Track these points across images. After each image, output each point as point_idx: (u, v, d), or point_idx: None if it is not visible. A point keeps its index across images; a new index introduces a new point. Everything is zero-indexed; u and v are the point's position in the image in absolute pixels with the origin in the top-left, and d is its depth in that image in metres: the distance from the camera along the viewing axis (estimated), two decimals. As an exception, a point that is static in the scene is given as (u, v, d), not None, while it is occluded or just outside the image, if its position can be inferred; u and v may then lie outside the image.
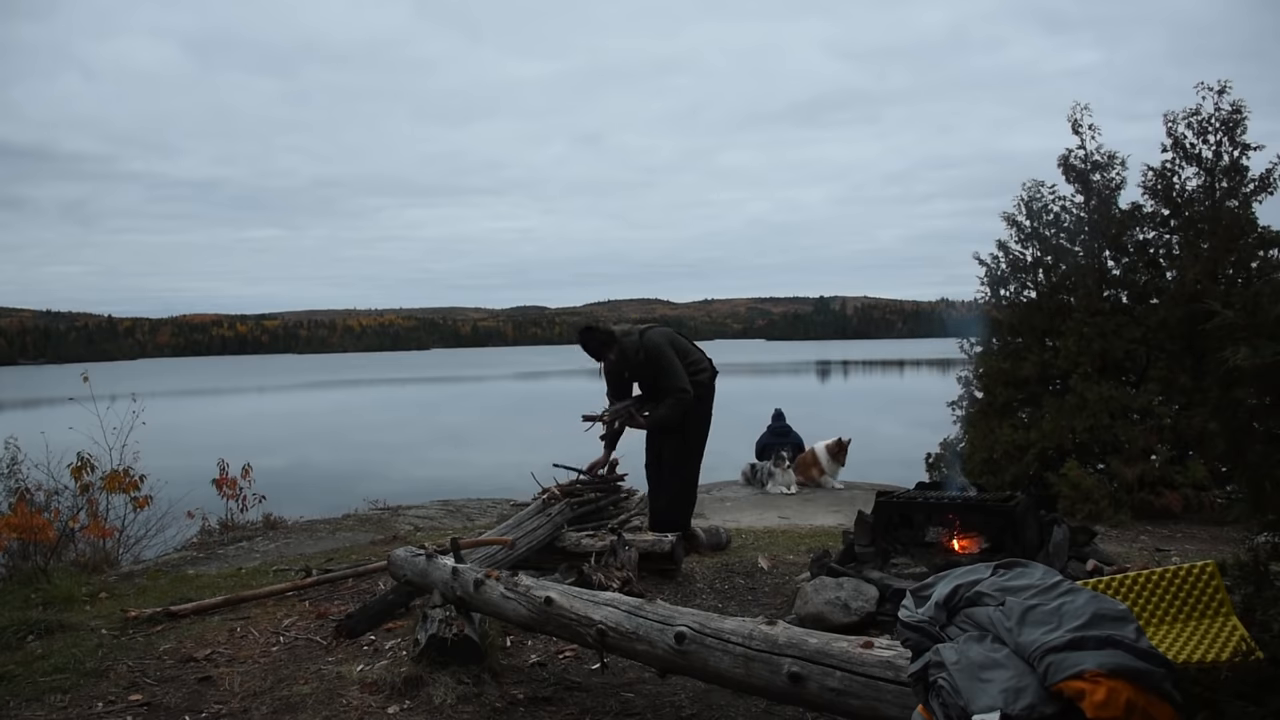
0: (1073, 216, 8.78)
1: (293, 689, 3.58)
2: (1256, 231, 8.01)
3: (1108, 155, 8.66)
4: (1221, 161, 8.22)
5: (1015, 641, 1.81)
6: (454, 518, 8.74)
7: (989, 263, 9.19)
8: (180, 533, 8.13)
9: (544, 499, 5.75)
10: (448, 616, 3.69)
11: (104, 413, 7.81)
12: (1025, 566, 2.04)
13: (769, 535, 6.91)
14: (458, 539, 4.70)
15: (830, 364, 75.20)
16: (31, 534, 6.36)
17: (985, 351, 9.20)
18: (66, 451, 7.45)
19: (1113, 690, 1.64)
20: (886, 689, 2.22)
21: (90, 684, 3.75)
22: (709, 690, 3.36)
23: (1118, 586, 2.60)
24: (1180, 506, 7.34)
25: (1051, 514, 4.23)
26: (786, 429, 11.34)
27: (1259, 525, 2.42)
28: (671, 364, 5.55)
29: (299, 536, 7.70)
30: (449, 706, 3.33)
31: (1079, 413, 7.82)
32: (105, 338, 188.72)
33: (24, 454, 7.70)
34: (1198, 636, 2.41)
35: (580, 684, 3.61)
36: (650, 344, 5.56)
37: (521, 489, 8.93)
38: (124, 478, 7.36)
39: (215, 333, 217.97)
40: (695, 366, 5.76)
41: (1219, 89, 8.08)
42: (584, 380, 58.94)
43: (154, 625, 4.59)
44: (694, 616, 2.84)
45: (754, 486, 10.24)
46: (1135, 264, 8.67)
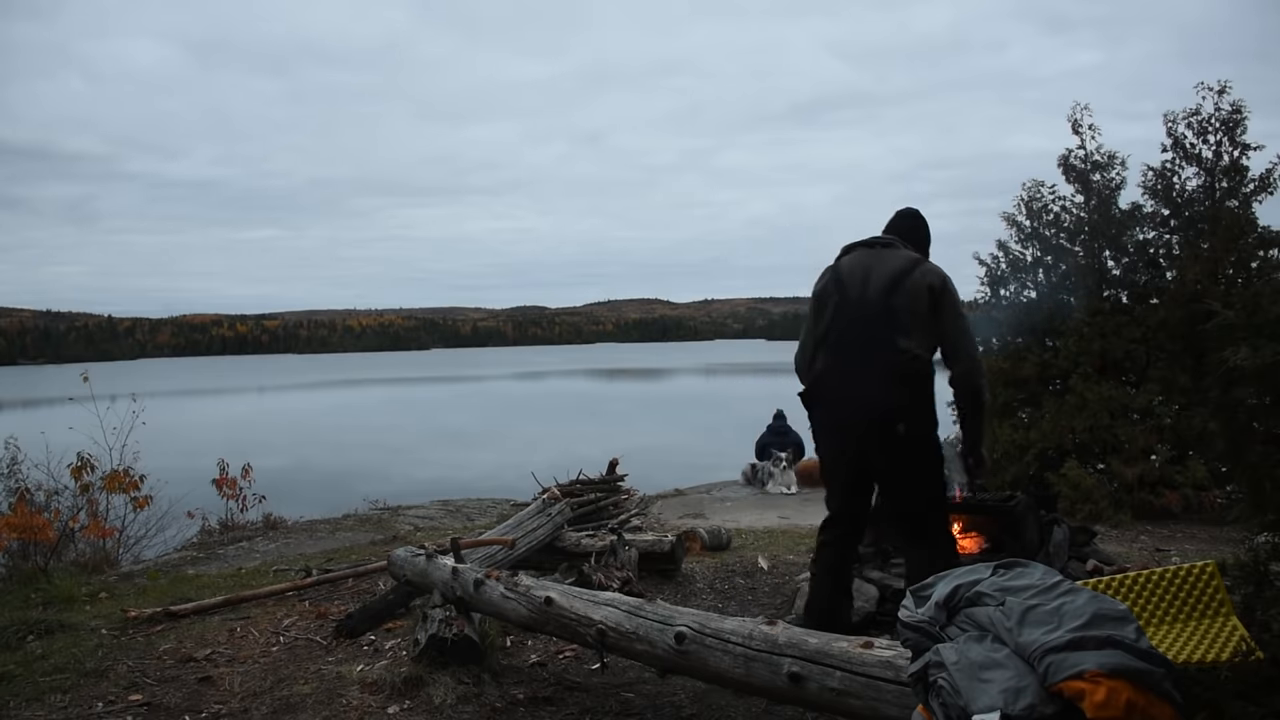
0: (1073, 216, 8.79)
1: (293, 689, 3.58)
2: (1256, 231, 8.00)
3: (1108, 155, 8.67)
4: (1221, 161, 8.22)
5: (1015, 641, 1.81)
6: (454, 518, 8.74)
7: (989, 263, 9.20)
8: (180, 533, 8.13)
9: (544, 499, 5.75)
10: (448, 616, 3.70)
11: (104, 413, 7.81)
12: (1025, 566, 2.04)
13: (769, 535, 6.91)
14: (458, 539, 4.71)
15: (830, 364, 75.09)
16: (31, 534, 6.36)
17: (985, 351, 9.20)
18: (66, 451, 7.45)
19: (1113, 690, 1.64)
20: (886, 689, 2.22)
21: (90, 684, 3.75)
22: (709, 690, 3.36)
23: (1118, 586, 2.60)
24: (1180, 506, 7.34)
25: (1051, 514, 4.23)
26: (786, 429, 11.36)
27: (1259, 525, 2.42)
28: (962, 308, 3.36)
29: (299, 536, 7.70)
30: (449, 706, 3.33)
31: (1079, 413, 7.82)
32: (105, 338, 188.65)
33: (24, 454, 7.69)
34: (1198, 636, 2.41)
35: (580, 684, 3.61)
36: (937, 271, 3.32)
37: (521, 489, 8.94)
38: (124, 478, 7.36)
39: (215, 333, 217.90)
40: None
41: (1219, 89, 8.08)
42: (584, 380, 58.78)
43: (154, 625, 4.59)
44: (694, 616, 2.84)
45: (754, 486, 10.26)
46: (1135, 264, 8.67)
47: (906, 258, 3.30)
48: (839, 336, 3.24)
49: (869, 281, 3.24)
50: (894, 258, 3.30)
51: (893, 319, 3.15)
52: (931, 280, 3.20)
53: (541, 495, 5.96)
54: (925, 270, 3.24)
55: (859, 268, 3.32)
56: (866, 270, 3.29)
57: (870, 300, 3.20)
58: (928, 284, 3.19)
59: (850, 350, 3.21)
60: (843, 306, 3.26)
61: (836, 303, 3.29)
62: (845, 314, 3.24)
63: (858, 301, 3.23)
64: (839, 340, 3.24)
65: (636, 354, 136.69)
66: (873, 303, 3.19)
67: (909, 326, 3.14)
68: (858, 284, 3.26)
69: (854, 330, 3.21)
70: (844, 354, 3.22)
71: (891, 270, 3.24)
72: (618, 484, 7.24)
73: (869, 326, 3.18)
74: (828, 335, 3.28)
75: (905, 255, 3.32)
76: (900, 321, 3.14)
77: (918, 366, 3.14)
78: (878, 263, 3.30)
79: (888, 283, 3.20)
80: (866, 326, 3.18)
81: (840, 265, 3.40)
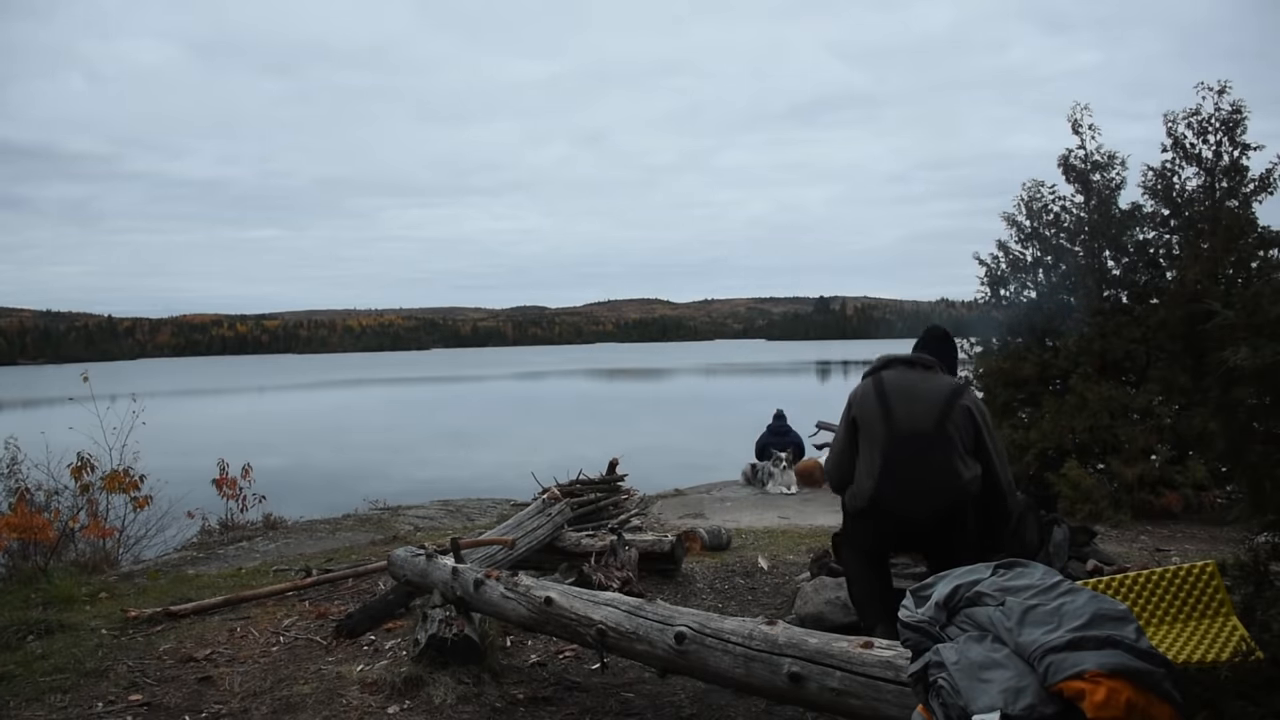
0: (1073, 216, 8.78)
1: (293, 689, 3.58)
2: (1256, 231, 7.99)
3: (1108, 155, 8.66)
4: (1221, 161, 8.21)
5: (1015, 641, 1.81)
6: (454, 518, 8.74)
7: (989, 263, 9.19)
8: (180, 533, 8.13)
9: (544, 499, 5.75)
10: (448, 616, 3.70)
11: (104, 413, 7.81)
12: (1025, 566, 2.04)
13: (769, 535, 6.91)
14: (458, 539, 4.70)
15: (830, 364, 75.21)
16: (31, 534, 6.36)
17: (985, 351, 9.19)
18: (66, 451, 7.45)
19: (1113, 690, 1.64)
20: (886, 689, 2.22)
21: (90, 684, 3.75)
22: (709, 690, 3.36)
23: (1118, 586, 2.60)
24: (1180, 506, 7.34)
25: (1051, 514, 4.22)
26: (786, 429, 11.37)
27: (1259, 525, 2.42)
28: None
29: (299, 536, 7.70)
30: (449, 706, 3.33)
31: (1079, 413, 7.81)
32: (105, 338, 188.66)
33: (24, 454, 7.69)
34: (1198, 636, 2.40)
35: (580, 684, 3.61)
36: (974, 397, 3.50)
37: (521, 489, 8.94)
38: (124, 478, 7.36)
39: (215, 333, 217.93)
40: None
41: (1219, 89, 8.07)
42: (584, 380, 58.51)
43: (154, 625, 4.59)
44: (694, 616, 2.84)
45: (754, 486, 10.25)
46: (1135, 264, 8.66)
47: (950, 385, 3.39)
48: (899, 465, 3.26)
49: (918, 408, 3.30)
50: (938, 383, 3.39)
51: (948, 446, 3.24)
52: (973, 409, 3.34)
53: (541, 495, 5.96)
54: (969, 398, 3.39)
55: (903, 390, 3.36)
56: (910, 394, 3.34)
57: (924, 431, 3.27)
58: (971, 413, 3.31)
59: (911, 476, 3.24)
60: (897, 437, 3.29)
61: (888, 432, 3.30)
62: (902, 445, 3.27)
63: (910, 433, 3.28)
64: (900, 468, 3.26)
65: (636, 354, 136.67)
66: (926, 433, 3.26)
67: (963, 454, 3.26)
68: (906, 410, 3.31)
69: (914, 461, 3.25)
70: (905, 483, 3.25)
71: (940, 397, 3.33)
72: (618, 484, 7.24)
73: (928, 456, 3.24)
74: (886, 464, 3.28)
75: (948, 382, 3.43)
76: (956, 448, 3.25)
77: (974, 489, 3.26)
78: (923, 385, 3.36)
79: (939, 413, 3.28)
80: (926, 457, 3.24)
81: (884, 383, 3.41)
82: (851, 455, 3.42)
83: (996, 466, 3.35)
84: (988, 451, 3.33)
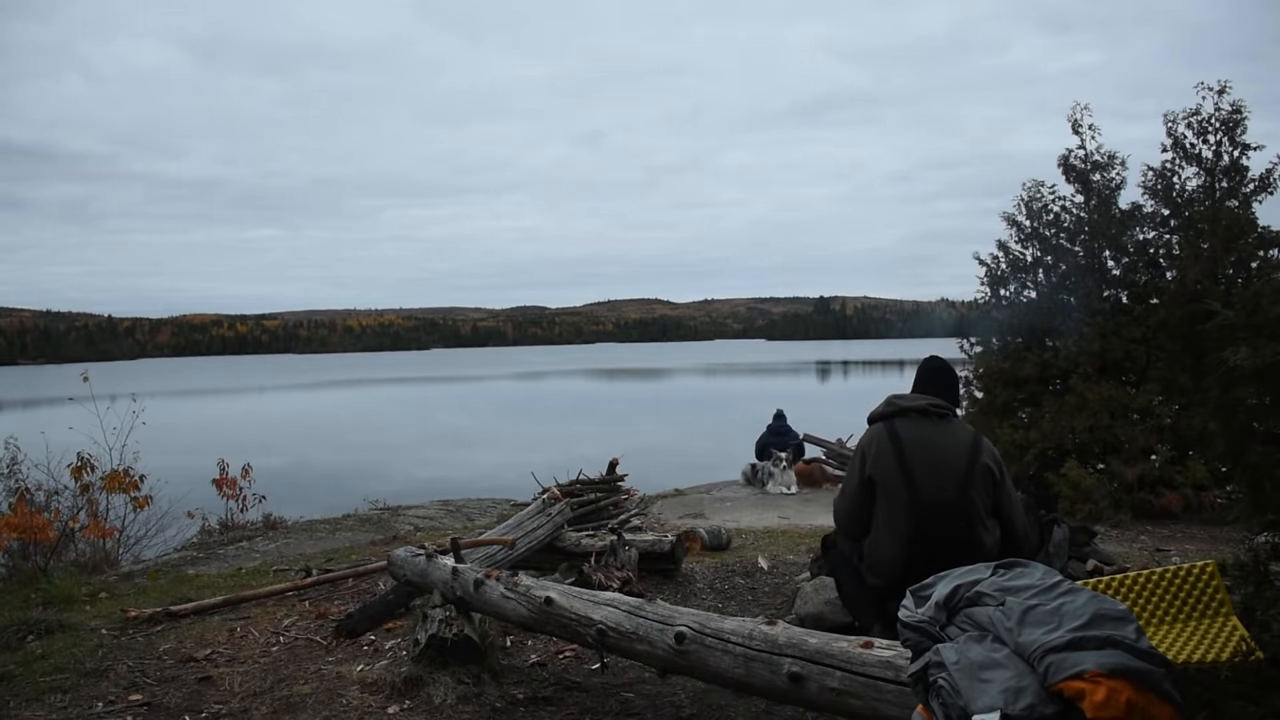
0: (1073, 216, 8.78)
1: (293, 689, 3.58)
2: (1256, 231, 8.00)
3: (1108, 155, 8.67)
4: (1221, 161, 8.22)
5: (1015, 641, 1.81)
6: (454, 518, 8.74)
7: (989, 263, 9.20)
8: (180, 533, 8.14)
9: (544, 499, 5.75)
10: (448, 616, 3.70)
11: (104, 413, 7.81)
12: (1025, 566, 2.04)
13: (769, 535, 6.91)
14: (458, 539, 4.70)
15: (830, 364, 75.24)
16: (31, 534, 6.36)
17: (985, 351, 9.20)
18: (66, 451, 7.46)
19: (1113, 690, 1.64)
20: (886, 689, 2.22)
21: (90, 684, 3.75)
22: (709, 690, 3.36)
23: (1118, 586, 2.59)
24: (1180, 506, 7.34)
25: (1051, 514, 4.23)
26: (786, 429, 11.38)
27: (1259, 525, 2.42)
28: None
29: (299, 536, 7.70)
30: (449, 706, 3.33)
31: (1079, 412, 7.82)
32: (105, 338, 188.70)
33: (24, 454, 7.70)
34: (1198, 636, 2.40)
35: (580, 684, 3.61)
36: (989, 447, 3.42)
37: (521, 489, 8.95)
38: (124, 478, 7.37)
39: (215, 333, 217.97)
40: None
41: (1219, 89, 8.08)
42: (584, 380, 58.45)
43: (154, 625, 4.59)
44: (694, 616, 2.84)
45: (754, 486, 10.26)
46: (1135, 264, 8.67)
47: (969, 441, 3.27)
48: (926, 541, 3.12)
49: (943, 473, 3.18)
50: (956, 438, 3.27)
51: (973, 515, 3.16)
52: (992, 466, 3.24)
53: (541, 495, 5.96)
54: (987, 453, 3.26)
55: (922, 449, 3.22)
56: (929, 454, 3.21)
57: (948, 500, 3.15)
58: (991, 471, 3.23)
59: (937, 552, 3.04)
60: (921, 506, 3.15)
61: (912, 499, 3.15)
62: (928, 517, 3.14)
63: (935, 501, 3.14)
64: (927, 543, 3.12)
65: (636, 354, 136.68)
66: (952, 502, 3.15)
67: (984, 520, 3.19)
68: (928, 474, 3.18)
69: (940, 536, 3.12)
70: (934, 557, 2.99)
71: (962, 460, 3.20)
72: (618, 484, 7.24)
73: (954, 529, 3.13)
74: (913, 538, 3.14)
75: (965, 435, 3.29)
76: (979, 516, 3.17)
77: (994, 555, 3.07)
78: (941, 440, 3.24)
79: (963, 479, 3.17)
80: (951, 530, 3.13)
81: (900, 439, 3.24)
82: (868, 510, 3.28)
83: (1015, 523, 3.27)
84: (1005, 510, 3.25)
